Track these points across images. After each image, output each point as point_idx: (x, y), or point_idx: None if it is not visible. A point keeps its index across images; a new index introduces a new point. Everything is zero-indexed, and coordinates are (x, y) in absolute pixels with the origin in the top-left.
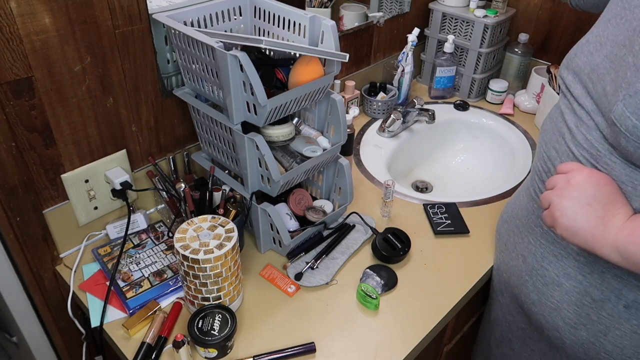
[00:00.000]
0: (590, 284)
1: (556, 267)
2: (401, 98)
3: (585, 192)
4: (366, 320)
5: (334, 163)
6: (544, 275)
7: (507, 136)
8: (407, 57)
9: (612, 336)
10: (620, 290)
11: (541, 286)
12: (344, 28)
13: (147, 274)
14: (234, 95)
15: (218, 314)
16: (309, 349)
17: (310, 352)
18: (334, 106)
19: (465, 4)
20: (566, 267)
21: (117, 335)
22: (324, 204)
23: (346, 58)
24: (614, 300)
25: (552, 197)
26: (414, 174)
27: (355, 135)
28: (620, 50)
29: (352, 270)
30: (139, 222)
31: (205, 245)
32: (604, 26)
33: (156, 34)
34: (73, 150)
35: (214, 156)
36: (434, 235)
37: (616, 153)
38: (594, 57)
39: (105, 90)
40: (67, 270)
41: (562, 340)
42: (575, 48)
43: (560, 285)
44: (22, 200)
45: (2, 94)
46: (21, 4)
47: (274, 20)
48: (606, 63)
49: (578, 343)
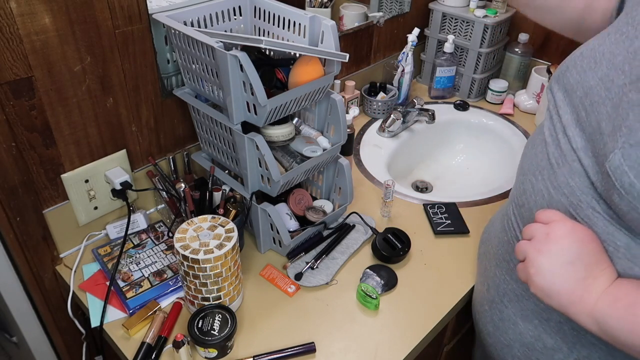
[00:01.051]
0: (545, 330)
1: (515, 306)
2: (401, 98)
3: (567, 249)
4: (366, 320)
5: (334, 163)
6: (502, 310)
7: (507, 136)
8: (407, 57)
9: None
10: (575, 344)
11: (497, 320)
12: (344, 28)
13: (147, 274)
14: (234, 95)
15: (218, 314)
16: (309, 349)
17: (310, 352)
18: (334, 106)
19: (465, 4)
20: (525, 308)
21: (117, 335)
22: (324, 204)
23: (346, 58)
24: (566, 351)
25: (529, 251)
26: (414, 174)
27: (355, 135)
28: (617, 75)
29: (352, 270)
30: (139, 222)
31: (205, 245)
32: (602, 39)
33: (156, 34)
34: (73, 150)
35: (214, 156)
36: (434, 235)
37: (600, 207)
38: (588, 77)
39: (105, 90)
40: (67, 270)
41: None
42: (568, 60)
43: (515, 324)
44: (22, 200)
45: (2, 94)
46: (21, 4)
47: (274, 20)
48: (601, 90)
49: None
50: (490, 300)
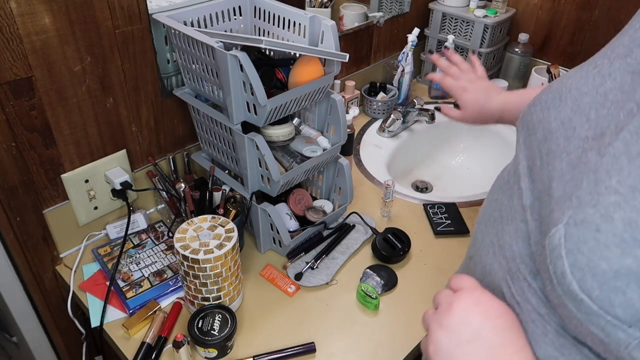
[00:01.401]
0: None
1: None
2: (401, 98)
3: (467, 324)
4: (366, 320)
5: (334, 163)
6: None
7: (507, 136)
8: (407, 57)
9: None
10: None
11: None
12: (344, 28)
13: (147, 274)
14: (234, 95)
15: (218, 314)
16: (308, 349)
17: (310, 352)
18: (334, 106)
19: (465, 4)
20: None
21: (117, 335)
22: (324, 204)
23: (346, 58)
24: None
25: (431, 324)
26: (414, 174)
27: (355, 135)
28: (581, 123)
29: (352, 270)
30: (139, 222)
31: (205, 245)
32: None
33: (156, 34)
34: (73, 150)
35: (214, 156)
36: (434, 235)
37: (536, 284)
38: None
39: (105, 90)
40: (67, 270)
41: None
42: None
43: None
44: (22, 200)
45: (2, 94)
46: (21, 4)
47: (274, 20)
48: (560, 137)
49: None
50: None
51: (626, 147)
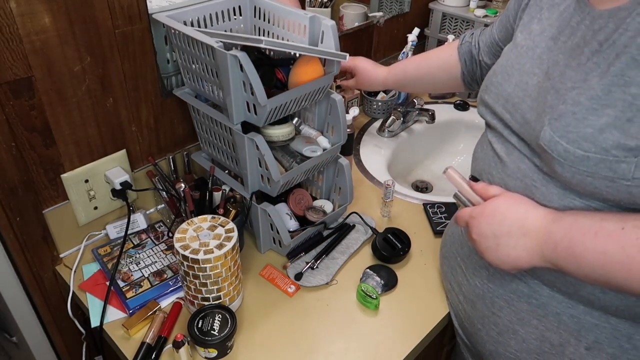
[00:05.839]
0: (547, 328)
1: (508, 313)
2: (401, 98)
3: (502, 211)
4: (366, 320)
5: (334, 163)
6: (496, 322)
7: None
8: (407, 57)
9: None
10: (579, 331)
11: (496, 335)
12: (344, 28)
13: (147, 274)
14: (234, 95)
15: (218, 314)
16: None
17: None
18: (334, 106)
19: (465, 4)
20: (519, 311)
21: (117, 335)
22: (324, 204)
23: (346, 58)
24: (574, 343)
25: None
26: (414, 174)
27: (355, 135)
28: (530, 78)
29: (352, 270)
30: (139, 222)
31: (205, 245)
32: (507, 56)
33: (156, 34)
34: (73, 150)
35: (214, 156)
36: (434, 235)
37: (553, 182)
38: (505, 87)
39: (105, 90)
40: (67, 270)
41: None
42: (485, 81)
43: (516, 333)
44: (22, 200)
45: (2, 94)
46: (21, 4)
47: (274, 20)
48: (518, 91)
49: None
50: (481, 316)
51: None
